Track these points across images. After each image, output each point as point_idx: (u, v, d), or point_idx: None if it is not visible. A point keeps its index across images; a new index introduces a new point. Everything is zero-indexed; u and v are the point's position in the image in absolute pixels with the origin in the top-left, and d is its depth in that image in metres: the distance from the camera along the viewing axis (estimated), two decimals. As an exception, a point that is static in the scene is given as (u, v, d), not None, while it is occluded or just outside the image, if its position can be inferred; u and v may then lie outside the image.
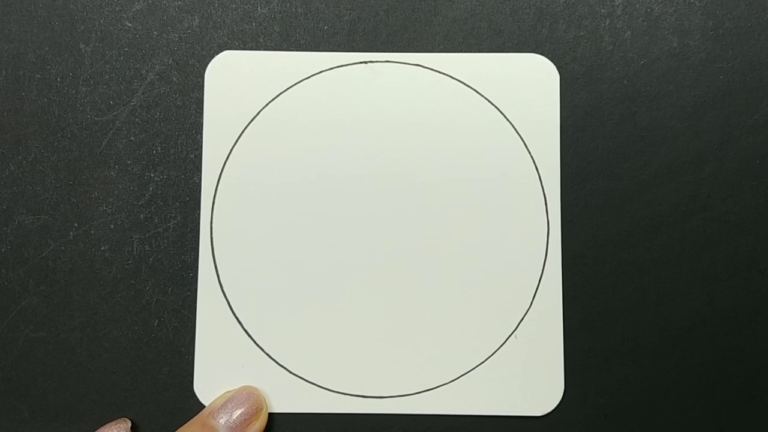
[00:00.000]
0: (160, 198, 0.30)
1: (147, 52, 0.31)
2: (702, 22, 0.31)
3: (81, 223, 0.30)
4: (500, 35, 0.31)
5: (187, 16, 0.31)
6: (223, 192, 0.30)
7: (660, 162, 0.30)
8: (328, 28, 0.31)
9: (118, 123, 0.31)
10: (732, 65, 0.31)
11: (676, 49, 0.31)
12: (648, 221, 0.30)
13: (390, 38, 0.31)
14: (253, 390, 0.29)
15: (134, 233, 0.30)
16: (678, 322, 0.30)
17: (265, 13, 0.31)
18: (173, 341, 0.30)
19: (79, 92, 0.31)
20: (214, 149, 0.30)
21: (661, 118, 0.31)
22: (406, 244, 0.30)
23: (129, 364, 0.30)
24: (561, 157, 0.30)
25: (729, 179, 0.30)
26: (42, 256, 0.30)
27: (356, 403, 0.29)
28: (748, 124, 0.31)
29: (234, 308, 0.30)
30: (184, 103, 0.31)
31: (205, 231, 0.30)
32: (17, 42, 0.31)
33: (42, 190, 0.30)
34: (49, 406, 0.30)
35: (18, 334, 0.30)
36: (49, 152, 0.30)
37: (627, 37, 0.31)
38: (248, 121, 0.30)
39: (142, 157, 0.31)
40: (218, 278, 0.30)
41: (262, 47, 0.31)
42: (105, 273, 0.30)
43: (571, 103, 0.31)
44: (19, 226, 0.30)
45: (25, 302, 0.30)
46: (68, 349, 0.30)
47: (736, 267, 0.30)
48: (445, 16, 0.31)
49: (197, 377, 0.29)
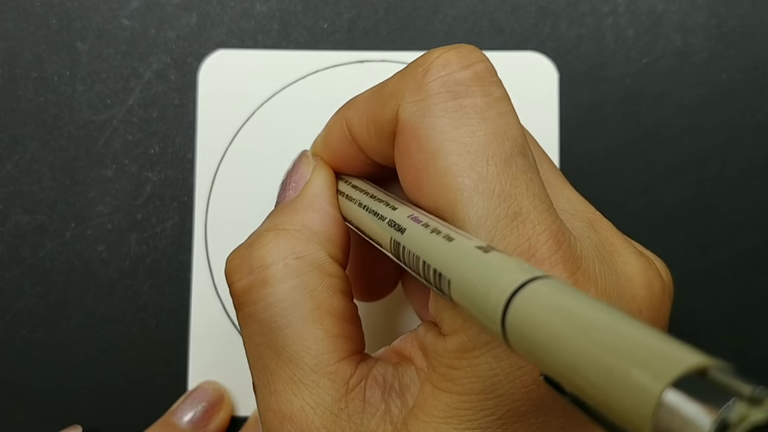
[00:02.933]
0: (157, 198, 0.30)
1: (144, 51, 0.31)
2: (705, 20, 0.31)
3: (78, 223, 0.30)
4: (501, 33, 0.31)
5: (185, 14, 0.31)
6: (217, 192, 0.30)
7: (663, 161, 0.30)
8: (327, 26, 0.31)
9: (115, 122, 0.30)
10: (736, 64, 0.30)
11: (679, 48, 0.31)
12: (650, 221, 0.30)
13: (390, 36, 0.31)
14: (212, 383, 0.29)
15: (131, 233, 0.30)
16: (681, 324, 0.29)
17: (264, 11, 0.31)
18: (171, 342, 0.30)
19: (76, 91, 0.30)
20: (209, 149, 0.30)
21: (664, 117, 0.30)
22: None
23: (126, 365, 0.30)
24: (562, 157, 0.30)
25: (733, 179, 0.30)
26: (38, 256, 0.30)
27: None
28: (751, 123, 0.30)
29: (228, 310, 0.29)
30: (181, 102, 0.30)
31: (199, 232, 0.30)
32: (13, 40, 0.31)
33: (38, 189, 0.30)
34: (46, 408, 0.29)
35: (14, 336, 0.30)
36: (46, 152, 0.30)
37: (630, 35, 0.31)
38: (243, 121, 0.30)
39: (140, 156, 0.30)
40: (212, 279, 0.30)
41: (261, 45, 0.31)
42: (102, 273, 0.30)
43: (572, 102, 0.30)
44: (15, 226, 0.30)
45: (22, 303, 0.30)
46: (65, 351, 0.30)
47: (739, 268, 0.30)
48: (445, 14, 0.31)
49: (191, 380, 0.29)
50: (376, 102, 0.20)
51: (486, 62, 0.18)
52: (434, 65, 0.18)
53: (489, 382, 0.17)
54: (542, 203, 0.17)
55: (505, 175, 0.17)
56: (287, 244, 0.20)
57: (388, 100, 0.19)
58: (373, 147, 0.20)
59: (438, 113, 0.18)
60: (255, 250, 0.20)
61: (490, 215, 0.17)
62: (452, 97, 0.18)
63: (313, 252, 0.20)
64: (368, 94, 0.20)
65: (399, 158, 0.19)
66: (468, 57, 0.18)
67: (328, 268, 0.20)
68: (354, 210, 0.20)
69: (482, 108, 0.18)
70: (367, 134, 0.20)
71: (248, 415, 0.29)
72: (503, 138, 0.18)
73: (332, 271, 0.20)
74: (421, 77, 0.18)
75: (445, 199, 0.17)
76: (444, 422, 0.17)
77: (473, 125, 0.17)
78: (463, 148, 0.17)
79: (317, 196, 0.21)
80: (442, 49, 0.19)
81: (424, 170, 0.18)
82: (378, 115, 0.19)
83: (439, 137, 0.17)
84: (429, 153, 0.18)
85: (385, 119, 0.19)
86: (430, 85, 0.18)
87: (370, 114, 0.20)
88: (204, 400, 0.28)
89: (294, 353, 0.19)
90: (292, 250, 0.19)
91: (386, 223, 0.18)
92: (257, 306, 0.19)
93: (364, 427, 0.18)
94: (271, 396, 0.19)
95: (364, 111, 0.20)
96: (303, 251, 0.20)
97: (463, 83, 0.18)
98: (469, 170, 0.17)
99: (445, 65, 0.18)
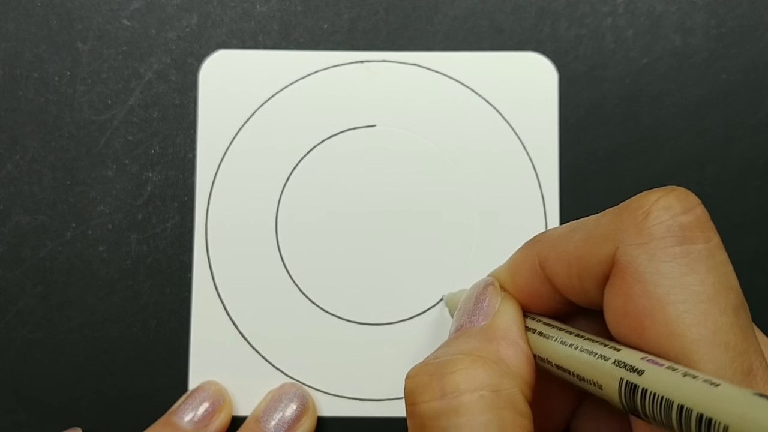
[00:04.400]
0: (158, 198, 0.30)
1: (145, 51, 0.31)
2: (705, 20, 0.31)
3: (78, 223, 0.30)
4: (501, 33, 0.31)
5: (186, 14, 0.31)
6: (218, 192, 0.30)
7: (662, 162, 0.30)
8: (327, 26, 0.31)
9: (116, 122, 0.30)
10: (735, 64, 0.31)
11: (678, 48, 0.31)
12: (650, 222, 0.30)
13: (390, 36, 0.31)
14: (214, 384, 0.29)
15: (132, 233, 0.30)
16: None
17: (264, 11, 0.31)
18: (171, 342, 0.30)
19: (77, 91, 0.31)
20: (209, 149, 0.30)
21: (663, 117, 0.30)
22: (403, 245, 0.30)
23: (127, 366, 0.30)
24: (561, 157, 0.30)
25: (732, 179, 0.30)
26: (39, 256, 0.30)
27: (353, 406, 0.29)
28: (751, 123, 0.30)
29: (229, 310, 0.29)
30: (182, 102, 0.31)
31: (199, 232, 0.30)
32: (14, 40, 0.31)
33: (39, 189, 0.30)
34: (47, 408, 0.29)
35: (15, 336, 0.30)
36: (46, 152, 0.30)
37: (629, 35, 0.31)
38: (243, 121, 0.30)
39: (140, 156, 0.30)
40: (213, 279, 0.30)
41: (261, 46, 0.31)
42: (103, 273, 0.30)
43: (572, 102, 0.30)
44: (15, 227, 0.30)
45: (22, 303, 0.30)
46: (65, 351, 0.30)
47: (739, 268, 0.30)
48: (445, 15, 0.31)
49: (192, 380, 0.29)
50: (582, 242, 0.19)
51: (702, 207, 0.18)
52: (655, 208, 0.18)
53: None
54: (764, 359, 0.17)
55: (737, 327, 0.17)
56: (484, 375, 0.19)
57: (600, 242, 0.18)
58: (573, 287, 0.20)
59: (665, 258, 0.17)
60: (449, 374, 0.19)
61: (728, 369, 0.16)
62: (678, 243, 0.17)
63: (509, 387, 0.19)
64: (567, 233, 0.20)
65: (615, 302, 0.18)
66: (688, 201, 0.18)
67: (522, 408, 0.19)
68: (554, 348, 0.20)
69: (707, 255, 0.17)
70: (568, 274, 0.19)
71: (248, 414, 0.29)
72: (729, 288, 0.17)
73: (524, 412, 0.19)
74: (642, 220, 0.18)
75: (676, 349, 0.17)
76: None
77: (702, 273, 0.17)
78: (695, 297, 0.17)
79: (509, 328, 0.20)
80: (659, 191, 0.18)
81: (651, 316, 0.17)
82: (587, 255, 0.19)
83: (667, 283, 0.17)
84: (656, 299, 0.17)
85: (596, 261, 0.19)
86: (653, 229, 0.18)
87: (575, 254, 0.19)
88: (205, 400, 0.28)
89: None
90: (489, 382, 0.18)
91: (611, 363, 0.17)
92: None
93: None
94: None
95: (565, 250, 0.20)
96: (500, 385, 0.18)
97: (687, 228, 0.18)
98: (703, 320, 0.17)
99: (668, 208, 0.18)
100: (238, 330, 0.29)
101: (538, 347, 0.20)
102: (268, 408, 0.28)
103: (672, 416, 0.15)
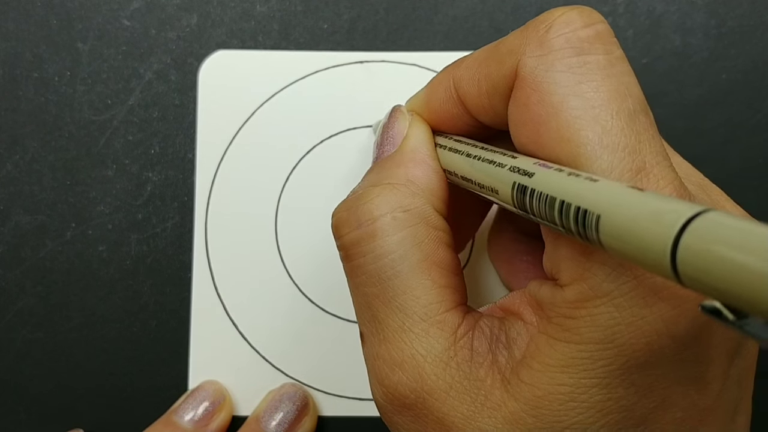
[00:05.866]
0: (158, 198, 0.30)
1: (145, 51, 0.31)
2: (704, 20, 0.31)
3: (78, 223, 0.30)
4: (501, 33, 0.31)
5: (186, 14, 0.31)
6: (218, 192, 0.30)
7: (662, 162, 0.30)
8: (327, 26, 0.31)
9: (116, 122, 0.30)
10: (735, 64, 0.30)
11: (678, 48, 0.31)
12: (650, 222, 0.30)
13: (390, 37, 0.31)
14: (214, 383, 0.29)
15: (132, 233, 0.30)
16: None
17: (264, 11, 0.31)
18: (171, 342, 0.30)
19: (77, 91, 0.31)
20: (209, 149, 0.30)
21: (663, 117, 0.30)
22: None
23: (127, 366, 0.30)
24: (562, 157, 0.30)
25: (732, 179, 0.30)
26: (39, 256, 0.30)
27: (353, 406, 0.29)
28: (751, 123, 0.30)
29: (229, 310, 0.29)
30: (182, 102, 0.31)
31: (199, 231, 0.30)
32: (14, 40, 0.31)
33: (39, 189, 0.30)
34: (47, 408, 0.29)
35: (15, 335, 0.30)
36: (46, 152, 0.30)
37: (629, 35, 0.31)
38: (243, 121, 0.30)
39: (140, 156, 0.30)
40: (213, 279, 0.30)
41: (261, 46, 0.31)
42: (103, 273, 0.30)
43: (572, 103, 0.30)
44: (15, 226, 0.30)
45: (22, 303, 0.30)
46: (65, 351, 0.30)
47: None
48: (445, 14, 0.31)
49: (192, 380, 0.29)
50: (491, 59, 0.20)
51: (606, 23, 0.19)
52: (557, 22, 0.18)
53: (609, 331, 0.17)
54: (664, 160, 0.17)
55: (630, 129, 0.17)
56: (394, 198, 0.20)
57: (505, 57, 0.19)
58: (482, 106, 0.20)
59: (561, 68, 0.18)
60: (362, 205, 0.20)
61: (615, 168, 0.17)
62: (575, 53, 0.18)
63: (420, 205, 0.20)
64: (480, 54, 0.21)
65: (516, 113, 0.19)
66: (590, 16, 0.19)
67: (434, 221, 0.20)
68: (460, 161, 0.21)
69: (605, 65, 0.18)
70: (478, 93, 0.20)
71: (248, 414, 0.29)
72: (626, 95, 0.18)
73: (437, 224, 0.20)
74: (544, 33, 0.18)
75: (567, 153, 0.17)
76: (560, 371, 0.17)
77: (597, 81, 0.18)
78: (587, 103, 0.17)
79: (417, 149, 0.22)
80: (563, 8, 0.19)
81: (545, 124, 0.18)
82: (494, 71, 0.19)
83: (561, 91, 0.18)
84: (551, 107, 0.18)
85: (501, 75, 0.19)
86: (553, 41, 0.18)
87: (484, 72, 0.20)
88: (206, 400, 0.28)
89: (403, 303, 0.19)
90: (399, 204, 0.20)
91: (507, 169, 0.18)
92: (366, 258, 0.20)
93: (472, 375, 0.18)
94: (381, 344, 0.19)
95: (476, 69, 0.20)
96: (410, 204, 0.20)
97: (586, 40, 0.18)
98: (593, 124, 0.17)
99: (568, 23, 0.18)
100: (238, 330, 0.29)
101: (447, 162, 0.21)
102: (268, 408, 0.28)
103: (554, 212, 0.16)
